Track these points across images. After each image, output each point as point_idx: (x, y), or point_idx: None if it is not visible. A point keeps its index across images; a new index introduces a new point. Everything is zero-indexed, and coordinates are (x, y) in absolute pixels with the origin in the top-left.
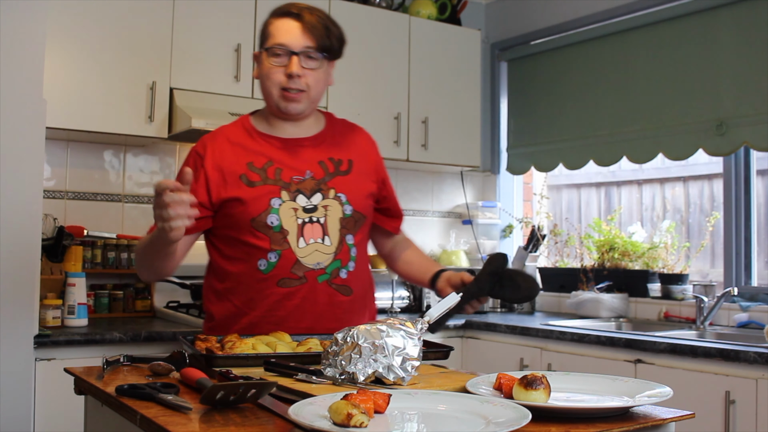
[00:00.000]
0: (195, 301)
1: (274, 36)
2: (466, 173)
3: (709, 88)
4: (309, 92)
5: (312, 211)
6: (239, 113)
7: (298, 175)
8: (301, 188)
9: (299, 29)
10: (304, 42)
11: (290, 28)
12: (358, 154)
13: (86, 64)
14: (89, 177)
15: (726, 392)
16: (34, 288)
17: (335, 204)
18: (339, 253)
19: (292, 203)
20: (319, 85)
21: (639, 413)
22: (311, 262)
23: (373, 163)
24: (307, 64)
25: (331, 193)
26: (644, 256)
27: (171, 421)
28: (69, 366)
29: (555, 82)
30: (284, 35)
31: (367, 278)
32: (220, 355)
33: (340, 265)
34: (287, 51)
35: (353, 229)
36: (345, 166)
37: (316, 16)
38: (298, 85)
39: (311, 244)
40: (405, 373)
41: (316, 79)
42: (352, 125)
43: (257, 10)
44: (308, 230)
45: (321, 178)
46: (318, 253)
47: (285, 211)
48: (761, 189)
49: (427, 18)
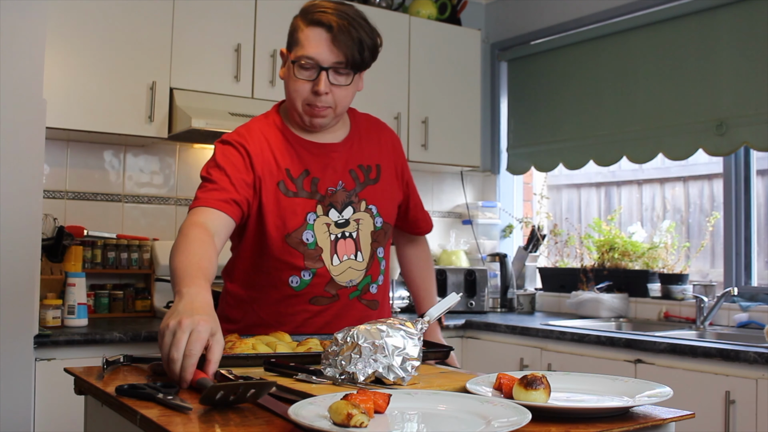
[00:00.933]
0: None
1: (303, 46)
2: (466, 173)
3: (709, 88)
4: (335, 108)
5: (344, 225)
6: (239, 113)
7: (332, 187)
8: (333, 201)
9: (329, 43)
10: (333, 58)
11: (320, 41)
12: (385, 157)
13: (86, 64)
14: (89, 177)
15: (726, 392)
16: (34, 288)
17: (366, 217)
18: (370, 268)
19: (325, 218)
20: (346, 99)
21: (639, 413)
22: (344, 280)
23: (399, 166)
24: (335, 80)
25: (362, 205)
26: (644, 256)
27: (171, 421)
28: (69, 366)
29: (555, 82)
30: (313, 48)
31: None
32: (223, 355)
33: (370, 280)
34: (316, 65)
35: (383, 241)
36: (374, 173)
37: (348, 27)
38: (324, 102)
39: (345, 261)
40: (405, 373)
41: (343, 95)
42: (376, 122)
43: (257, 10)
44: (341, 247)
45: (352, 190)
46: (351, 270)
47: (319, 226)
48: (761, 189)
49: (427, 18)
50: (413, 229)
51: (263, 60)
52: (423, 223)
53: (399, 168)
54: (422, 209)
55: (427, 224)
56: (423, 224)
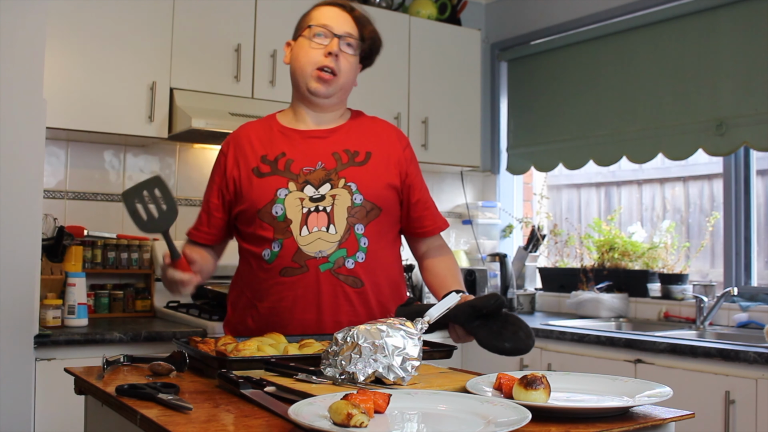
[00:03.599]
0: (195, 301)
1: (317, 18)
2: (466, 173)
3: (709, 88)
4: (340, 77)
5: (319, 200)
6: (239, 113)
7: (309, 166)
8: (309, 179)
9: (345, 16)
10: (347, 28)
11: (336, 14)
12: (379, 147)
13: (86, 64)
14: (89, 177)
15: (726, 392)
16: (34, 288)
17: (344, 192)
18: (344, 242)
19: (299, 193)
20: (350, 74)
21: (639, 413)
22: (312, 251)
23: (396, 157)
24: (345, 49)
25: (340, 182)
26: (644, 256)
27: (171, 421)
28: (69, 366)
29: (555, 82)
30: (330, 19)
31: (389, 273)
32: (234, 357)
33: (345, 254)
34: (330, 32)
35: (364, 219)
36: (361, 157)
37: (359, 12)
38: (334, 64)
39: (314, 233)
40: (405, 373)
41: (349, 66)
42: (382, 122)
43: (257, 10)
44: (312, 219)
45: (332, 168)
46: (321, 241)
47: (291, 201)
48: (761, 189)
49: (427, 18)
50: (417, 229)
51: (263, 60)
52: (428, 222)
53: (395, 158)
54: (427, 207)
55: (433, 223)
56: (428, 223)
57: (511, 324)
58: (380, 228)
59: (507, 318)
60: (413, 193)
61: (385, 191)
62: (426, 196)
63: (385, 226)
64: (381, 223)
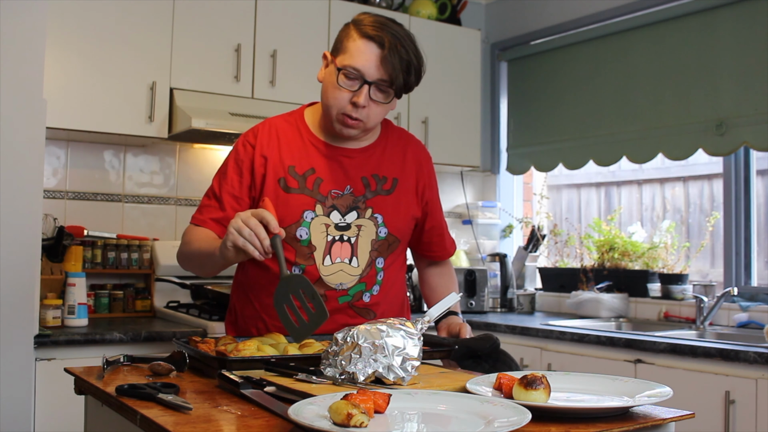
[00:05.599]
0: (195, 301)
1: (352, 56)
2: (466, 173)
3: (709, 88)
4: (367, 123)
5: (344, 229)
6: (239, 113)
7: (338, 190)
8: (336, 204)
9: (378, 59)
10: (380, 74)
11: (370, 56)
12: (406, 172)
13: (86, 64)
14: (89, 177)
15: (726, 392)
16: (34, 288)
17: (370, 225)
18: (365, 276)
19: (325, 219)
20: (379, 117)
21: (639, 413)
22: (334, 282)
23: (421, 184)
24: (376, 96)
25: (367, 212)
26: (644, 256)
27: (171, 421)
28: (69, 366)
29: (555, 82)
30: (362, 60)
31: (397, 302)
32: (234, 357)
33: (364, 288)
34: (360, 77)
35: (385, 252)
36: (389, 185)
37: (399, 47)
38: (359, 115)
39: (337, 264)
40: (405, 373)
41: (378, 111)
42: (408, 137)
43: (257, 10)
44: (336, 249)
45: (360, 195)
46: (343, 273)
47: (316, 225)
48: (761, 189)
49: (427, 18)
50: (425, 252)
51: (263, 60)
52: (437, 248)
53: (420, 186)
54: (440, 233)
55: (441, 249)
56: (437, 248)
57: (502, 363)
58: (396, 257)
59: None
60: (429, 220)
61: (408, 224)
62: (440, 221)
63: (399, 254)
64: (397, 252)
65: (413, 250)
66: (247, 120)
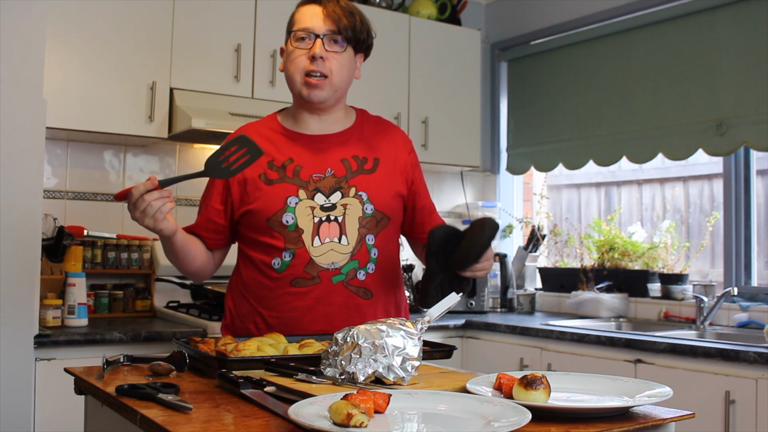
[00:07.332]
0: (195, 301)
1: (298, 22)
2: (466, 173)
3: (709, 88)
4: (332, 78)
5: (330, 209)
6: (239, 113)
7: (318, 173)
8: (319, 186)
9: (323, 14)
10: (327, 26)
11: (314, 14)
12: (386, 153)
13: (86, 64)
14: (89, 177)
15: (726, 392)
16: (34, 288)
17: (355, 202)
18: (356, 253)
19: (310, 201)
20: (342, 71)
21: (639, 413)
22: (325, 262)
23: (402, 163)
24: (330, 47)
25: (351, 191)
26: (644, 256)
27: (171, 421)
28: (69, 366)
29: (555, 82)
30: (308, 20)
31: (395, 282)
32: (234, 357)
33: (357, 265)
34: (311, 34)
35: (374, 229)
36: (370, 164)
37: (341, 5)
38: (320, 67)
39: (326, 243)
40: (405, 373)
41: (339, 64)
42: (386, 123)
43: (257, 10)
44: (324, 229)
45: (342, 176)
46: (333, 252)
47: (301, 209)
48: (761, 189)
49: (427, 18)
50: (420, 234)
51: (263, 60)
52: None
53: (402, 164)
54: (430, 214)
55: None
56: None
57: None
58: (387, 237)
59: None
60: (418, 200)
61: (394, 201)
62: (429, 201)
63: (392, 234)
64: (388, 232)
65: (409, 239)
66: (247, 120)
